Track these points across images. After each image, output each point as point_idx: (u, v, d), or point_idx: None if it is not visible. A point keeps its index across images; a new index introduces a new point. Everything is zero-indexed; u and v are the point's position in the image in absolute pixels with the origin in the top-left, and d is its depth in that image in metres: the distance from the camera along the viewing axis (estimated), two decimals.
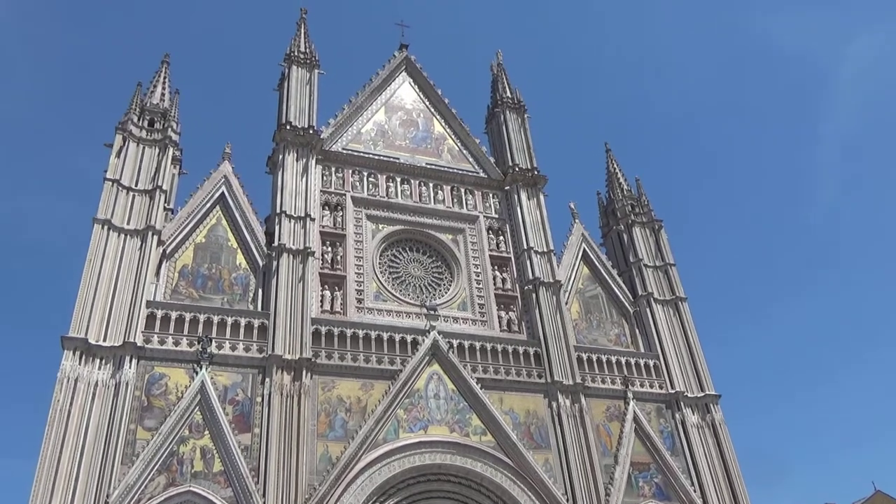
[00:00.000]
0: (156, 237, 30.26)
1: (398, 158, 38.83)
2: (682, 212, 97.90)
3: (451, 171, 39.82)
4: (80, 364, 26.01)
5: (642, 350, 37.27)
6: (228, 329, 29.21)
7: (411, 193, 37.89)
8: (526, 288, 36.22)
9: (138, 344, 27.36)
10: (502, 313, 35.46)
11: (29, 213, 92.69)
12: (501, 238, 38.56)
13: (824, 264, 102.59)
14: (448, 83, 50.65)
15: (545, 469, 30.51)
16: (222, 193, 33.27)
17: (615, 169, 45.45)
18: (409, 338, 31.96)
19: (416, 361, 31.03)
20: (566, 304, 36.77)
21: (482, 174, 40.65)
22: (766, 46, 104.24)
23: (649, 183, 52.75)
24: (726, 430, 35.23)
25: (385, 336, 31.62)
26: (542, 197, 40.23)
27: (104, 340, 26.91)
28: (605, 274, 39.49)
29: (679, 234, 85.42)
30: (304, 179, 34.62)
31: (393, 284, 34.76)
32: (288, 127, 35.70)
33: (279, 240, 31.95)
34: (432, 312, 33.02)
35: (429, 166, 39.36)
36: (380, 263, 35.19)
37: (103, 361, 26.49)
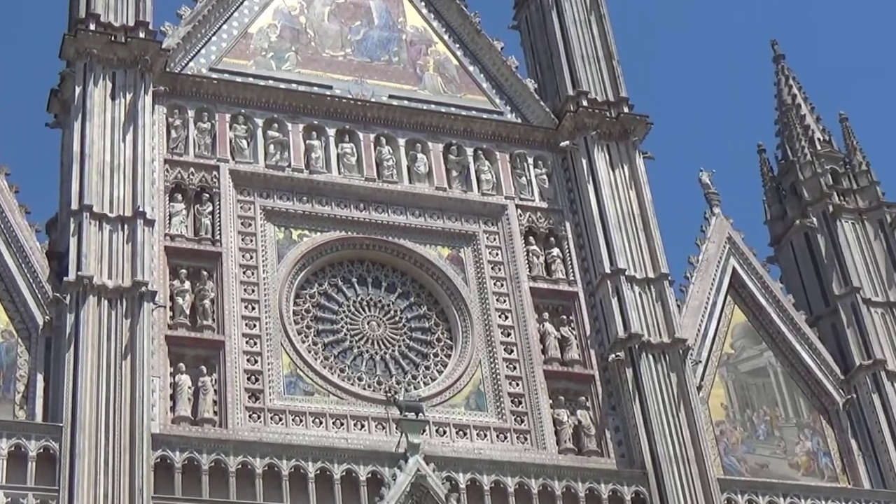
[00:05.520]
0: None
1: (330, 87, 39.36)
2: None
3: (444, 111, 40.26)
4: None
5: (867, 485, 37.70)
6: None
7: (359, 161, 38.35)
8: (612, 357, 36.41)
9: None
10: (562, 412, 35.77)
11: None
12: (555, 251, 38.98)
13: None
14: None
15: None
16: None
17: (793, 97, 46.08)
18: (362, 472, 31.95)
19: None
20: (699, 388, 37.04)
21: (511, 116, 41.13)
22: None
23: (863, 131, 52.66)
24: None
25: (311, 470, 31.54)
26: (640, 161, 40.81)
27: None
28: (780, 322, 39.96)
29: None
30: (130, 137, 34.83)
31: (326, 358, 35.00)
32: (93, 27, 35.98)
33: (79, 269, 31.87)
34: (411, 417, 32.95)
35: (397, 103, 39.75)
36: (297, 313, 35.38)
37: None
